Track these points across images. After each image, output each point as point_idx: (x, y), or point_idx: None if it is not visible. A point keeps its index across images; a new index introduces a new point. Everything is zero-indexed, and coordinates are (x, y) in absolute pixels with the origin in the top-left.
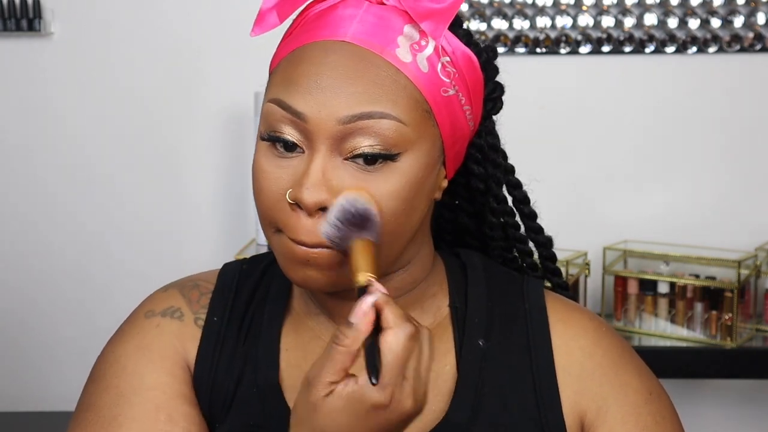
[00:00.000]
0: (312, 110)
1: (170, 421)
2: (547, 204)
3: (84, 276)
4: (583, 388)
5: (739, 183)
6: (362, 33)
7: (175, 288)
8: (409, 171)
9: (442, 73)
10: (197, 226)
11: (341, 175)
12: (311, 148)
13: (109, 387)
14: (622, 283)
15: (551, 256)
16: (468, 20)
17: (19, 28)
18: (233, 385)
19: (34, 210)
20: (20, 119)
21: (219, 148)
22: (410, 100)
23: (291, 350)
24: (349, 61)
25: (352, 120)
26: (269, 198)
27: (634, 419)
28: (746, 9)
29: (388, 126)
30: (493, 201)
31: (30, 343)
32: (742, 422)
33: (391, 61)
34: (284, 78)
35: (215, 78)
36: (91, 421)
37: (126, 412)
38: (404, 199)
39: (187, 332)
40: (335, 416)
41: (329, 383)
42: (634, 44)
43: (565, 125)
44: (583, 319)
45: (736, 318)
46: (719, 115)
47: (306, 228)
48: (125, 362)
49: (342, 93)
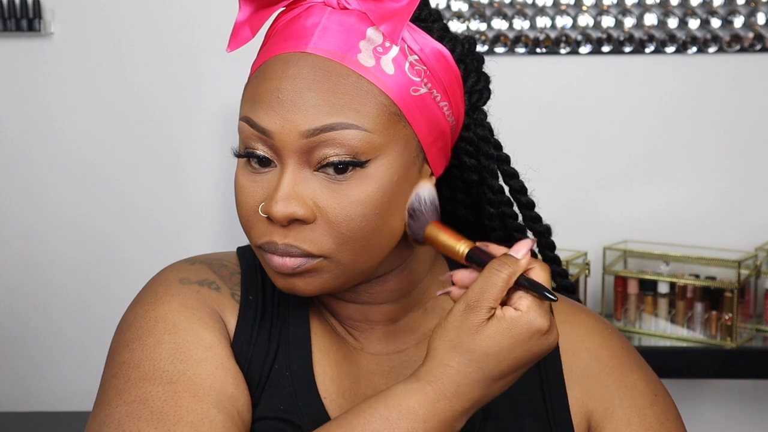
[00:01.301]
0: (276, 126)
1: (237, 386)
2: (547, 204)
3: (84, 275)
4: (589, 389)
5: (740, 183)
6: (323, 42)
7: (203, 263)
8: (381, 175)
9: (411, 73)
10: (198, 226)
11: (312, 186)
12: (281, 163)
13: (162, 342)
14: (622, 283)
15: (550, 244)
16: (468, 20)
17: (19, 28)
18: (269, 365)
19: (34, 210)
20: (20, 119)
21: (219, 147)
22: (375, 105)
23: (319, 335)
24: (308, 73)
25: (315, 133)
26: (246, 212)
27: (639, 420)
28: (746, 9)
29: (353, 136)
30: (488, 192)
31: (30, 342)
32: (742, 422)
33: (353, 68)
34: (251, 95)
35: (215, 77)
36: (148, 376)
37: (192, 368)
38: (378, 204)
39: (226, 304)
40: (499, 338)
41: (490, 308)
42: (634, 44)
43: (565, 125)
44: (589, 320)
45: (736, 318)
46: (719, 115)
47: (282, 240)
48: (174, 319)
49: (302, 106)
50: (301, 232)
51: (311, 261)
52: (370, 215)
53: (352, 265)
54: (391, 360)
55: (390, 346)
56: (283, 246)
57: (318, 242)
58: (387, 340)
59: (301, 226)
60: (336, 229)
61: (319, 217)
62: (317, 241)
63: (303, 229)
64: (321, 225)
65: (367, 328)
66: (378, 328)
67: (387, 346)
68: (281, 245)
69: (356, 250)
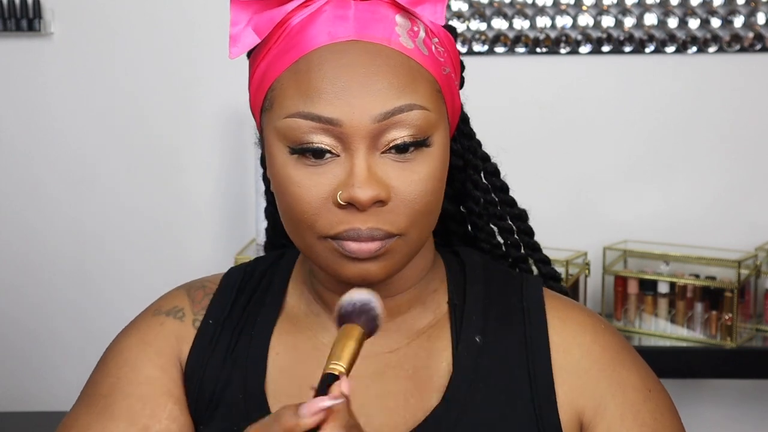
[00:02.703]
0: (344, 114)
1: (152, 417)
2: (547, 204)
3: (83, 276)
4: (580, 386)
5: (739, 183)
6: (365, 29)
7: (184, 288)
8: (438, 151)
9: (437, 54)
10: (197, 227)
11: (383, 167)
12: (348, 150)
13: (109, 376)
14: (622, 283)
15: (528, 229)
16: (468, 20)
17: (19, 28)
18: (221, 387)
19: (33, 210)
20: (20, 119)
21: (219, 148)
22: (427, 84)
23: (282, 354)
24: (365, 59)
25: (386, 117)
26: (312, 206)
27: (633, 416)
28: (746, 9)
29: (417, 116)
30: (473, 173)
31: (30, 343)
32: (742, 422)
33: (402, 51)
34: (299, 90)
35: (215, 77)
36: (89, 404)
37: (118, 402)
38: (440, 178)
39: (184, 332)
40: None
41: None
42: (634, 44)
43: (565, 125)
44: (582, 316)
45: (736, 318)
46: (719, 115)
47: (365, 225)
48: (127, 354)
49: (369, 92)
50: (380, 214)
51: (389, 241)
52: (437, 189)
53: (418, 242)
54: (378, 361)
55: (383, 346)
56: (367, 230)
57: (396, 222)
58: (381, 341)
59: (380, 208)
60: (411, 206)
61: (394, 197)
62: (395, 221)
63: (381, 211)
64: (396, 204)
65: None
66: None
67: (379, 347)
68: (365, 229)
69: (424, 224)
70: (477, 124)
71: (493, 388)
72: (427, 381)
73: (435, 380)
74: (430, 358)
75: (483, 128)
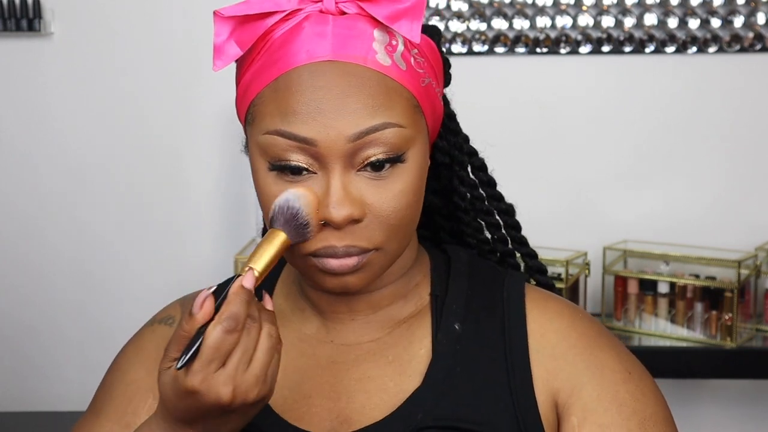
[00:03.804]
0: (320, 134)
1: (134, 414)
2: (547, 204)
3: (84, 276)
4: (555, 368)
5: (739, 183)
6: (341, 48)
7: (179, 300)
8: (414, 165)
9: (416, 66)
10: (197, 227)
11: (357, 185)
12: (325, 168)
13: (106, 382)
14: (622, 283)
15: (515, 224)
16: (468, 20)
17: (19, 28)
18: None
19: (34, 210)
20: (20, 119)
21: (219, 148)
22: (402, 101)
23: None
24: (341, 79)
25: (360, 136)
26: None
27: (611, 396)
28: (746, 9)
29: (392, 133)
30: (459, 169)
31: (30, 342)
32: (742, 422)
33: (377, 69)
34: (278, 108)
35: (215, 77)
36: (88, 412)
37: (108, 404)
38: (416, 191)
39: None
40: (165, 390)
41: (171, 359)
42: (634, 44)
43: (565, 125)
44: (559, 305)
45: (736, 318)
46: (719, 115)
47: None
48: (121, 363)
49: (344, 112)
50: (355, 231)
51: (366, 255)
52: (412, 202)
53: (396, 252)
54: (360, 349)
55: (364, 336)
56: (343, 248)
57: (372, 237)
58: (362, 331)
59: (355, 225)
60: (386, 221)
61: (369, 214)
62: (371, 237)
63: (357, 228)
64: (372, 221)
65: (347, 319)
66: (359, 319)
67: (361, 336)
68: (341, 247)
69: (402, 237)
70: (477, 123)
71: (471, 372)
72: (406, 366)
73: (414, 365)
74: (411, 344)
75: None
